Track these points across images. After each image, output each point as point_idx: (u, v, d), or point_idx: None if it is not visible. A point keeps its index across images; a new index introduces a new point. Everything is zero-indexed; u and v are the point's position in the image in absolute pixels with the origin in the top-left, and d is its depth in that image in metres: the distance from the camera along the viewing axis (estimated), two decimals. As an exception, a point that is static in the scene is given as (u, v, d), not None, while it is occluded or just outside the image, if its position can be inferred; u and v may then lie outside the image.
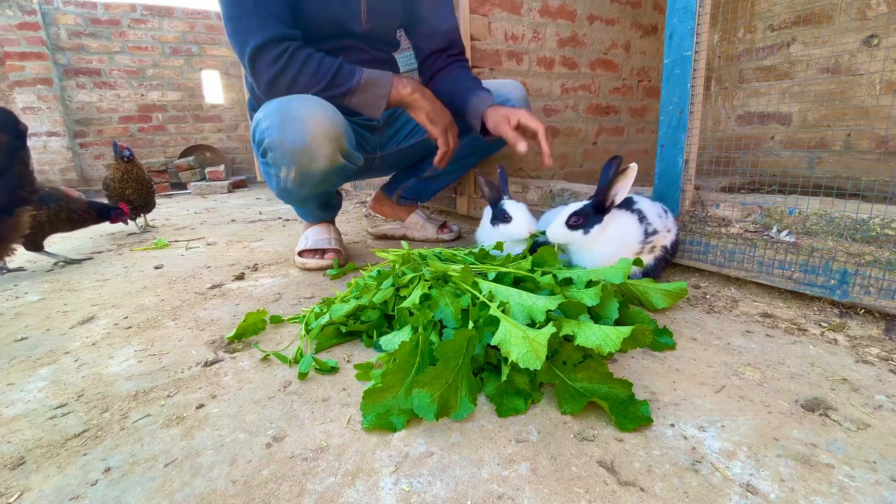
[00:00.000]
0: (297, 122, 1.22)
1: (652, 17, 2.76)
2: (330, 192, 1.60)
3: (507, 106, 1.43)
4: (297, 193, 1.43)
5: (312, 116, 1.23)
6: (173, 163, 4.80)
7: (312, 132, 1.23)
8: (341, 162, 1.33)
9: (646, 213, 1.16)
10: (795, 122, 2.50)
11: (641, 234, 1.15)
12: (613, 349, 0.72)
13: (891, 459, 0.62)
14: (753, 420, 0.71)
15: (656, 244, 1.18)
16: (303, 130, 1.23)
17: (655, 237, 1.16)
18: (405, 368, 0.75)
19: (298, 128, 1.22)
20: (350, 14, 1.46)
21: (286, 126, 1.23)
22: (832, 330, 1.00)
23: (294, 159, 1.27)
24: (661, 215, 1.19)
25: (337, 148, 1.29)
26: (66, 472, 0.65)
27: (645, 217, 1.16)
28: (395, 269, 1.11)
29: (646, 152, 2.97)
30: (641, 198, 1.21)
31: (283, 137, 1.24)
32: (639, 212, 1.16)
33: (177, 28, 5.06)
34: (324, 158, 1.28)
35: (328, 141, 1.26)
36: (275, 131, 1.24)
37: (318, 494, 0.60)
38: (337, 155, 1.30)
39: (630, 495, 0.58)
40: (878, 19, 2.12)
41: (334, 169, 1.33)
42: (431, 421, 0.69)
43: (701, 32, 1.16)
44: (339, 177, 1.43)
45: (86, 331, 1.16)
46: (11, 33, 4.24)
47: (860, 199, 1.11)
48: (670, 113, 1.24)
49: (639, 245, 1.15)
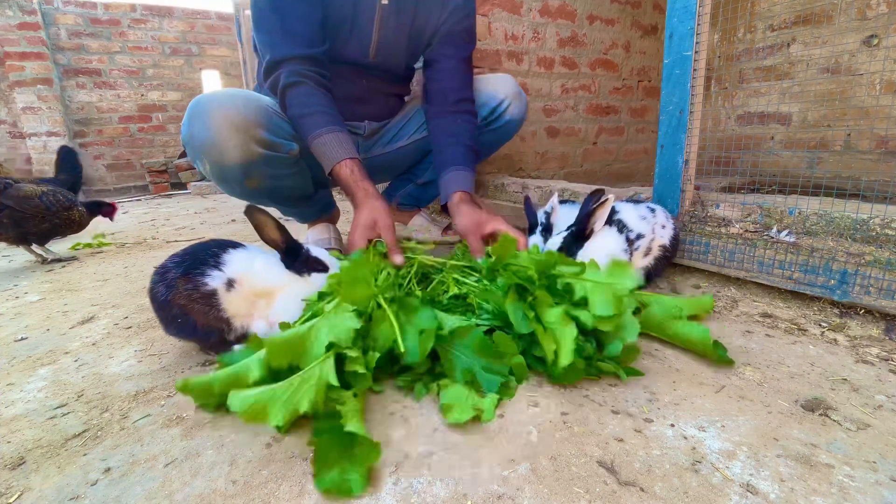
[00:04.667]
0: (202, 115, 1.20)
1: (652, 17, 2.76)
2: (286, 188, 1.45)
3: (482, 212, 1.25)
4: (231, 189, 1.36)
5: (218, 108, 1.19)
6: (173, 163, 4.80)
7: (216, 124, 1.19)
8: (260, 152, 1.24)
9: (625, 222, 1.14)
10: (795, 122, 2.50)
11: (623, 244, 1.12)
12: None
13: (891, 459, 0.62)
14: (753, 420, 0.71)
15: (652, 246, 1.16)
16: (208, 124, 1.19)
17: (643, 241, 1.13)
18: None
19: (204, 121, 1.20)
20: (359, 47, 1.43)
21: (194, 120, 1.21)
22: (832, 330, 1.00)
23: (204, 153, 1.23)
24: (646, 216, 1.16)
25: (249, 138, 1.22)
26: (66, 472, 0.65)
27: (625, 226, 1.13)
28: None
29: (646, 152, 2.97)
30: (623, 204, 1.19)
31: (191, 132, 1.22)
32: (618, 222, 1.14)
33: (177, 28, 5.06)
34: (234, 149, 1.21)
35: (235, 132, 1.20)
36: (185, 126, 1.23)
37: (318, 494, 0.60)
38: (251, 145, 1.22)
39: (630, 495, 0.58)
40: (878, 19, 2.12)
41: (255, 161, 1.25)
42: None
43: (701, 32, 1.16)
44: (273, 168, 1.32)
45: (86, 331, 1.16)
46: (11, 33, 4.24)
47: (860, 199, 1.12)
48: (670, 113, 1.24)
49: (623, 254, 1.12)
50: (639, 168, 2.96)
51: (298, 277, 0.98)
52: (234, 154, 1.22)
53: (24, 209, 1.73)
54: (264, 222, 0.94)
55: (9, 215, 1.71)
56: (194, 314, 0.89)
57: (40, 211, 1.76)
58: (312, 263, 1.00)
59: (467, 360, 0.80)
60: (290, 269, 0.97)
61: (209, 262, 0.90)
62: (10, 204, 1.71)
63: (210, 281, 0.89)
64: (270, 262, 0.96)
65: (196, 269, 0.89)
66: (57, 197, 1.83)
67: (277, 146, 1.29)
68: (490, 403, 0.75)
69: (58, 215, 1.81)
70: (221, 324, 0.91)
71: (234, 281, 0.90)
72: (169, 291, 0.88)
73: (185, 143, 1.26)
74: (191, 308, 0.88)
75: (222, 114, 1.19)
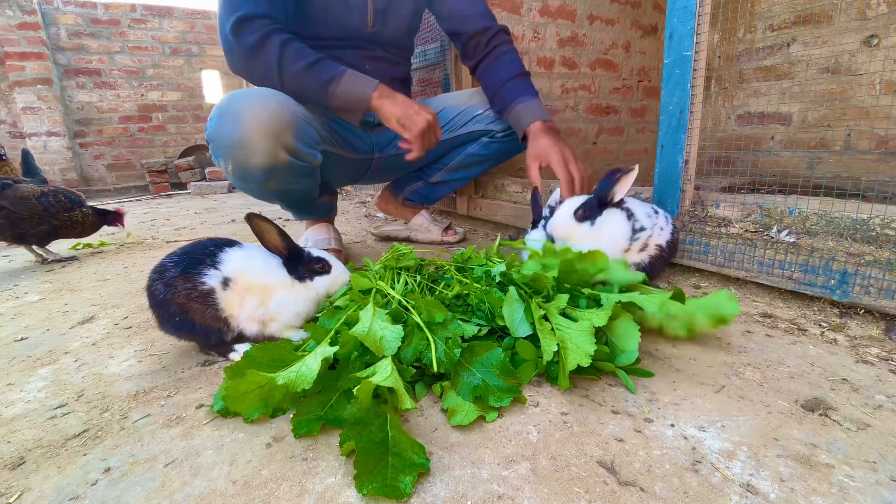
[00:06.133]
0: (233, 115, 1.19)
1: (652, 17, 2.76)
2: (297, 192, 1.46)
3: (548, 126, 1.38)
4: (248, 188, 1.36)
5: (250, 110, 1.18)
6: (173, 163, 4.80)
7: (247, 127, 1.18)
8: (286, 160, 1.24)
9: (634, 211, 1.17)
10: (795, 122, 2.50)
11: (629, 231, 1.15)
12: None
13: (891, 459, 0.62)
14: (753, 420, 0.71)
15: (649, 243, 1.18)
16: (238, 124, 1.18)
17: (643, 234, 1.16)
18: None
19: (234, 121, 1.18)
20: (356, 16, 1.44)
21: (223, 119, 1.20)
22: (832, 330, 1.00)
23: (230, 153, 1.22)
24: (651, 215, 1.19)
25: (278, 144, 1.20)
26: (66, 472, 0.65)
27: (633, 214, 1.16)
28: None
29: (646, 152, 2.97)
30: (631, 199, 1.22)
31: (219, 130, 1.21)
32: (627, 210, 1.17)
33: (177, 28, 5.07)
34: (262, 154, 1.20)
35: (265, 137, 1.18)
36: (213, 123, 1.22)
37: (318, 494, 0.60)
38: (279, 152, 1.21)
39: (630, 495, 0.58)
40: (878, 19, 2.12)
41: (279, 167, 1.25)
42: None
43: (701, 32, 1.16)
44: (292, 175, 1.32)
45: (86, 331, 1.16)
46: (11, 33, 4.24)
47: (860, 199, 1.11)
48: (670, 113, 1.24)
49: (627, 242, 1.15)
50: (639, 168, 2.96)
51: (298, 282, 0.97)
52: (261, 159, 1.21)
53: (19, 210, 1.72)
54: (266, 229, 0.94)
55: (5, 216, 1.70)
56: (192, 313, 0.89)
57: (38, 212, 1.75)
58: (314, 265, 0.99)
59: (479, 376, 0.78)
60: (292, 275, 0.97)
61: (206, 262, 0.90)
62: (5, 205, 1.70)
63: (208, 280, 0.89)
64: (269, 261, 0.96)
65: (194, 268, 0.89)
66: (58, 198, 1.81)
67: (304, 155, 1.30)
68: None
69: (57, 217, 1.79)
70: (219, 323, 0.91)
71: (231, 280, 0.90)
72: (167, 290, 0.88)
73: (210, 139, 1.25)
74: (189, 307, 0.88)
75: (255, 117, 1.18)
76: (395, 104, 1.29)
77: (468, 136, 1.71)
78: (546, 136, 1.35)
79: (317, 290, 0.99)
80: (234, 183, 1.35)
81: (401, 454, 0.62)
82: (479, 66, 1.58)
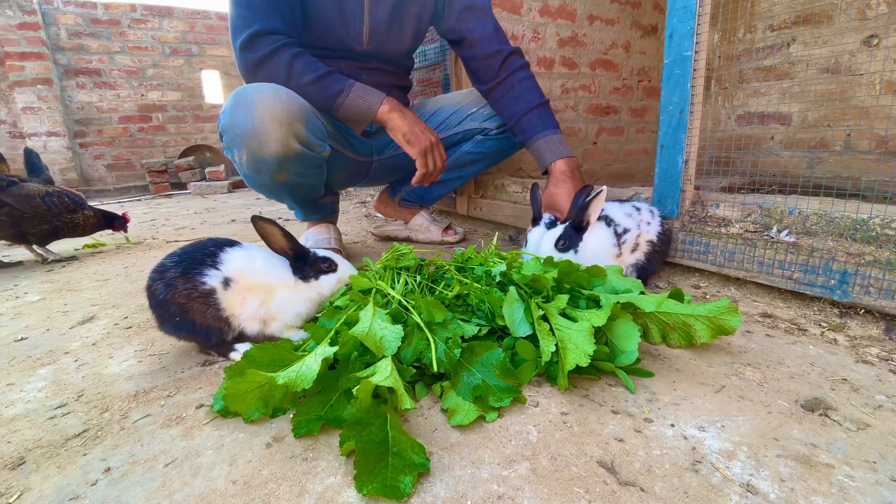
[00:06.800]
0: (247, 105, 1.22)
1: (652, 17, 2.76)
2: (306, 187, 1.49)
3: (570, 168, 1.40)
4: (260, 181, 1.38)
5: (263, 100, 1.22)
6: (173, 163, 4.80)
7: (260, 115, 1.21)
8: (297, 149, 1.28)
9: (612, 217, 1.19)
10: (795, 122, 2.50)
11: (612, 238, 1.17)
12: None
13: (891, 459, 0.62)
14: (753, 420, 0.71)
15: (639, 241, 1.20)
16: (252, 114, 1.22)
17: (629, 235, 1.18)
18: None
19: (248, 111, 1.22)
20: (350, 33, 1.45)
21: (237, 109, 1.24)
22: (832, 330, 1.00)
23: (244, 142, 1.25)
24: (632, 213, 1.21)
25: (290, 133, 1.25)
26: (66, 472, 0.65)
27: (612, 221, 1.19)
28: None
29: (646, 152, 2.97)
30: (607, 203, 1.24)
31: (233, 120, 1.24)
32: (605, 217, 1.19)
33: (177, 28, 5.06)
34: (275, 143, 1.24)
35: (278, 125, 1.22)
36: (227, 114, 1.26)
37: (318, 494, 0.60)
38: (290, 140, 1.26)
39: (630, 495, 0.58)
40: (878, 19, 2.12)
41: (291, 156, 1.28)
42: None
43: (701, 32, 1.16)
44: (303, 166, 1.35)
45: (86, 331, 1.16)
46: (11, 33, 4.24)
47: (860, 199, 1.11)
48: (670, 113, 1.24)
49: (614, 248, 1.17)
50: (639, 168, 2.96)
51: (302, 282, 0.98)
52: (274, 147, 1.25)
53: (23, 208, 1.72)
54: (271, 231, 0.94)
55: (7, 213, 1.70)
56: (193, 313, 0.89)
57: (41, 211, 1.75)
58: (319, 265, 1.00)
59: (479, 376, 0.78)
60: (297, 275, 0.97)
61: (207, 262, 0.90)
62: (9, 202, 1.70)
63: (208, 280, 0.89)
64: (270, 261, 0.96)
65: (194, 268, 0.89)
66: (62, 199, 1.81)
67: (314, 145, 1.33)
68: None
69: (59, 217, 1.80)
70: (220, 323, 0.91)
71: (231, 280, 0.91)
72: (167, 290, 0.88)
73: (224, 131, 1.28)
74: (189, 307, 0.88)
75: (267, 106, 1.22)
76: (403, 119, 1.35)
77: (463, 134, 1.72)
78: (565, 183, 1.38)
79: (322, 289, 1.00)
80: (247, 176, 1.37)
81: (401, 454, 0.62)
82: (493, 91, 1.56)
